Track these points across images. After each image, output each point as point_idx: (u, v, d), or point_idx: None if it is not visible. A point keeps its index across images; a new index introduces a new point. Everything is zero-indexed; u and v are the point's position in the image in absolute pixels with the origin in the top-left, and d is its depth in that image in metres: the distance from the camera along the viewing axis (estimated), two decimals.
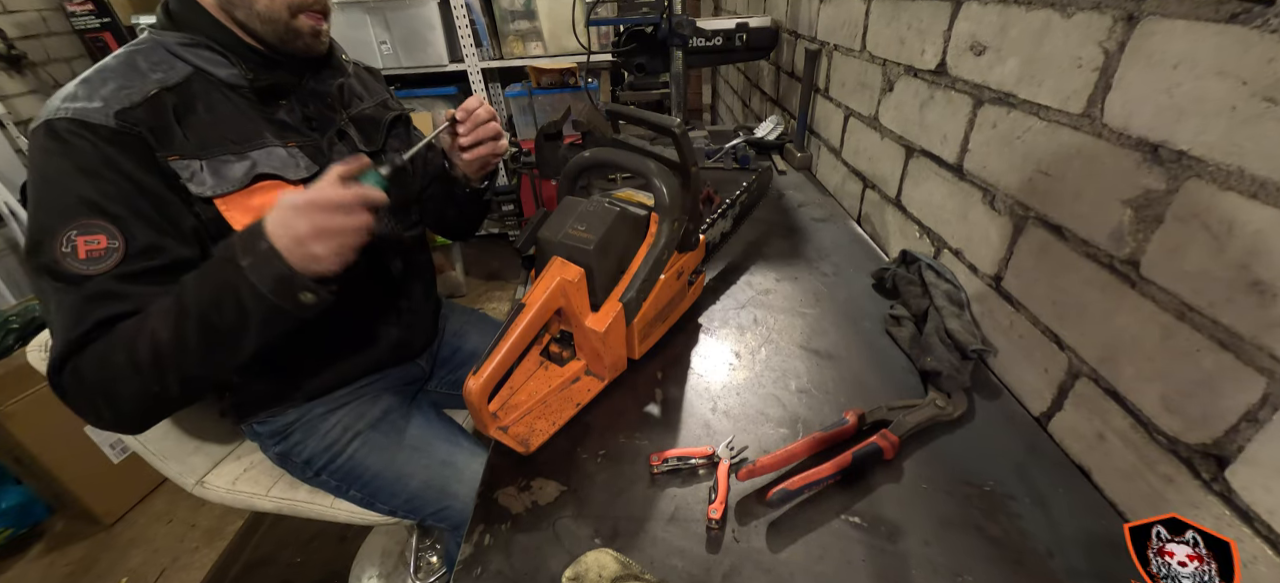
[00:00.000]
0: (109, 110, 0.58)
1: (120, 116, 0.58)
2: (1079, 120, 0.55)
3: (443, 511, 0.82)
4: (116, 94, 0.59)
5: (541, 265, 0.64)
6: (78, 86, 0.60)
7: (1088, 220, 0.55)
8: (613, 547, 0.49)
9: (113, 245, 0.56)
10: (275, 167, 0.67)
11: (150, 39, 0.65)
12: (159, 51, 0.64)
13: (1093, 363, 0.56)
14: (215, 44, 0.65)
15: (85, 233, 0.56)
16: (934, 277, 0.75)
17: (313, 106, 0.74)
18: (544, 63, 2.37)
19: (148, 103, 0.60)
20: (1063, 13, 0.56)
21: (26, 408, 1.35)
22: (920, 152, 0.86)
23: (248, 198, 0.65)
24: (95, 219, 0.56)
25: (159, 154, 0.60)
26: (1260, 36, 0.39)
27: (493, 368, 0.55)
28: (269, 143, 0.67)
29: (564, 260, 0.62)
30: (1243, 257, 0.41)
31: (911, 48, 0.86)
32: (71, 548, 1.49)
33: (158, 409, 0.62)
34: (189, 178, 0.62)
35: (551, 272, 0.61)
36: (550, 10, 2.30)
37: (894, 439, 0.56)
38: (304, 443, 0.83)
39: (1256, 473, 0.41)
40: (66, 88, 0.60)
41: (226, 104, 0.65)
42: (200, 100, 0.64)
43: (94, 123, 0.57)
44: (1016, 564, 0.48)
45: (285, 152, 0.69)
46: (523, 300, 0.59)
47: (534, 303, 0.58)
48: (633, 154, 0.68)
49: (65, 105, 0.58)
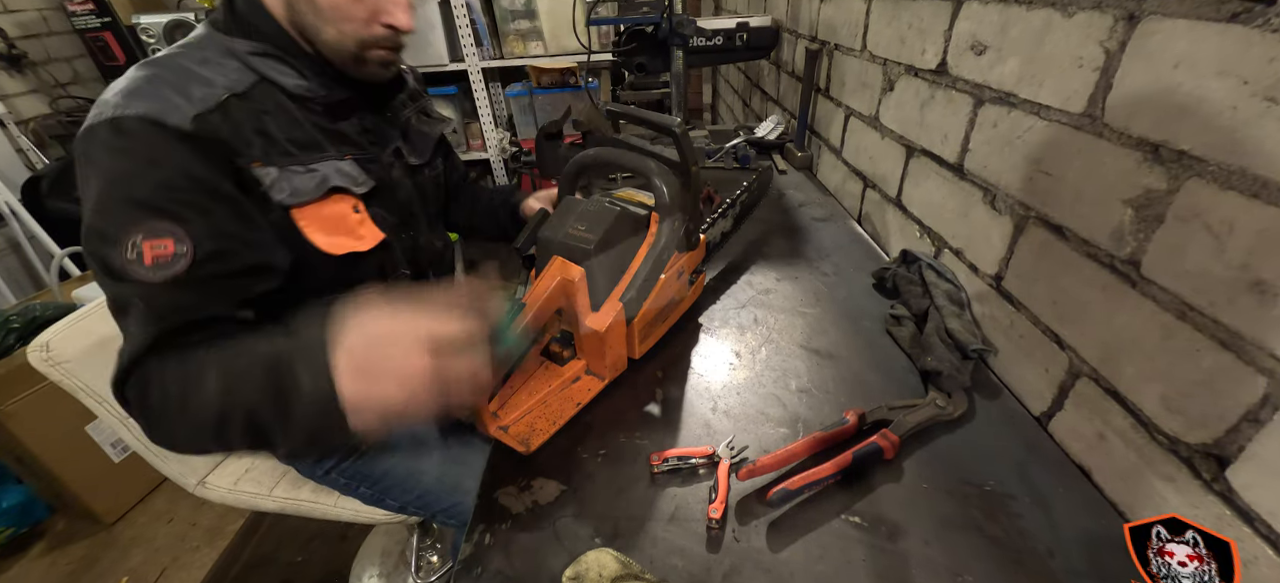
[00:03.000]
0: (186, 113, 0.55)
1: (198, 120, 0.56)
2: (1080, 120, 0.55)
3: (453, 507, 0.82)
4: (192, 97, 0.57)
5: (542, 265, 0.64)
6: (142, 83, 0.57)
7: (1088, 220, 0.55)
8: (613, 547, 0.49)
9: (180, 250, 0.53)
10: (343, 181, 0.66)
11: (213, 39, 0.63)
12: (225, 55, 0.62)
13: (1093, 363, 0.56)
14: (284, 55, 0.63)
15: (151, 236, 0.53)
16: (934, 276, 0.75)
17: (371, 121, 0.72)
18: (544, 62, 2.37)
19: (221, 108, 0.58)
20: (1063, 12, 0.56)
21: (27, 407, 1.35)
22: (921, 151, 0.86)
23: (320, 209, 0.64)
24: (162, 222, 0.53)
25: (239, 161, 0.58)
26: (1261, 36, 0.39)
27: None
28: (331, 156, 0.66)
29: (565, 260, 0.62)
30: (1244, 256, 0.41)
31: (912, 47, 0.86)
32: (72, 547, 1.49)
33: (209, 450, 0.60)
34: (269, 185, 0.60)
35: (552, 271, 0.61)
36: (551, 10, 2.30)
37: (894, 439, 0.56)
38: None
39: (1257, 473, 0.41)
40: (124, 84, 0.57)
41: (291, 114, 0.64)
42: (267, 109, 0.62)
43: (170, 124, 0.54)
44: (1016, 564, 0.48)
45: (346, 165, 0.67)
46: (523, 300, 0.59)
47: (534, 303, 0.58)
48: (633, 153, 0.68)
49: (133, 103, 0.54)
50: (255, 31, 0.63)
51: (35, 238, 2.00)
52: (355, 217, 0.69)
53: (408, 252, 0.79)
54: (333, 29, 0.62)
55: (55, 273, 1.84)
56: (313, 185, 0.63)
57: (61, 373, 0.76)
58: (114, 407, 0.80)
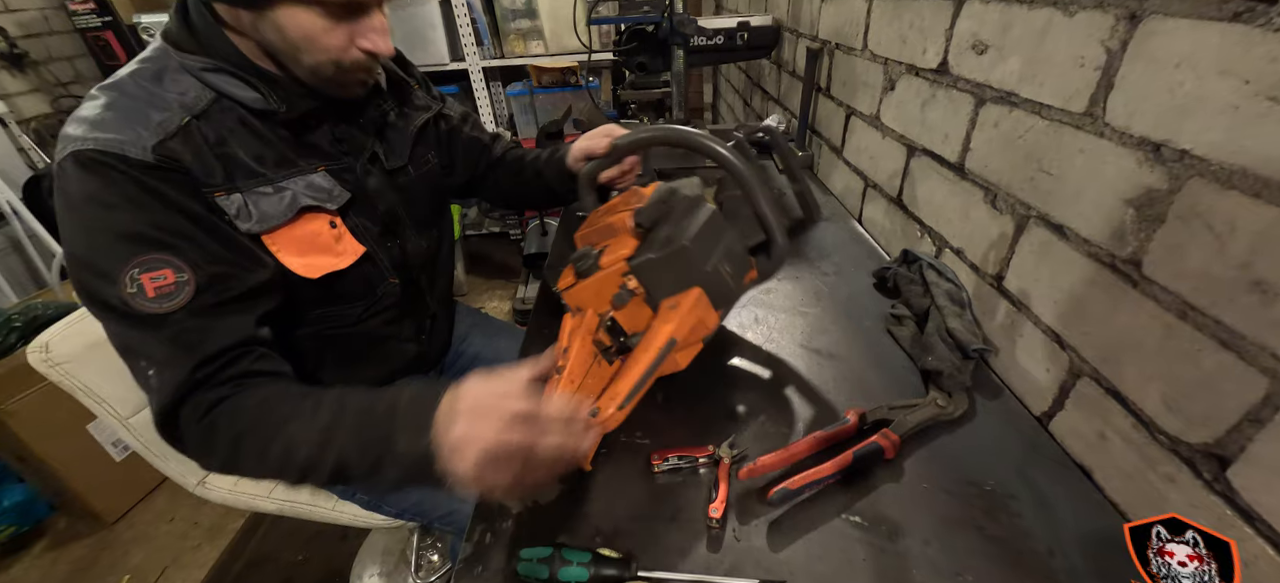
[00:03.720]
0: (145, 143, 0.53)
1: (158, 150, 0.54)
2: (1081, 119, 0.55)
3: (450, 514, 0.82)
4: (149, 124, 0.54)
5: (672, 287, 0.58)
6: (101, 111, 0.54)
7: (1089, 220, 0.55)
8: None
9: (182, 279, 0.52)
10: (315, 197, 0.64)
11: (167, 56, 0.59)
12: (178, 72, 0.58)
13: (1094, 362, 0.56)
14: (241, 71, 0.60)
15: (148, 269, 0.51)
16: (935, 276, 0.75)
17: (343, 129, 0.69)
18: (545, 62, 2.37)
19: (181, 133, 0.56)
20: (1065, 11, 0.56)
21: (28, 406, 1.35)
22: (922, 151, 0.86)
23: (292, 231, 0.62)
24: (155, 253, 0.52)
25: (203, 189, 0.57)
26: (1263, 35, 0.39)
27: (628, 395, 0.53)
28: (301, 170, 0.63)
29: (706, 298, 0.57)
30: (1245, 256, 0.41)
31: (913, 47, 0.86)
32: (73, 546, 1.50)
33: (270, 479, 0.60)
34: (234, 214, 0.58)
35: (688, 307, 0.56)
36: (551, 9, 2.30)
37: (895, 438, 0.56)
38: None
39: (1258, 473, 0.41)
40: (86, 111, 0.55)
41: (252, 131, 0.61)
42: (226, 128, 0.59)
43: (132, 156, 0.52)
44: (1017, 564, 0.48)
45: (318, 178, 0.65)
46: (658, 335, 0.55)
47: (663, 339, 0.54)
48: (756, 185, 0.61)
49: (92, 134, 0.52)
50: (212, 48, 0.59)
51: (36, 237, 2.00)
52: (331, 232, 0.66)
53: (395, 260, 0.76)
54: (308, 58, 0.59)
55: (56, 272, 1.84)
56: (282, 208, 0.61)
57: (61, 374, 0.76)
58: (113, 407, 0.80)
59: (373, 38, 0.61)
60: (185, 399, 0.52)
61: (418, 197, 0.80)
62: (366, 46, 0.61)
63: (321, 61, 0.60)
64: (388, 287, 0.75)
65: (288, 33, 0.57)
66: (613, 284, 0.59)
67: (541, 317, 0.85)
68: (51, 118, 2.51)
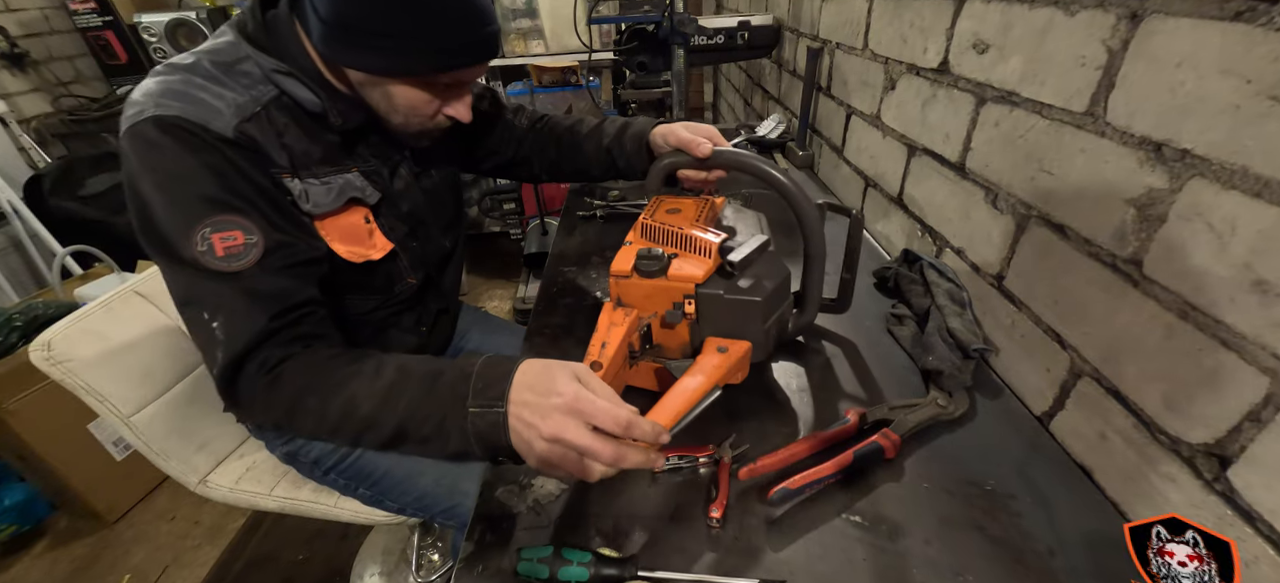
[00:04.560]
0: (228, 121, 0.57)
1: (237, 129, 0.58)
2: (1082, 119, 0.55)
3: (452, 509, 0.82)
4: (228, 105, 0.58)
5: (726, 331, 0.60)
6: (181, 86, 0.57)
7: (1090, 219, 0.55)
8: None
9: (251, 241, 0.56)
10: (356, 191, 0.68)
11: (239, 49, 0.62)
12: (249, 64, 0.62)
13: (1095, 362, 0.56)
14: (309, 81, 0.63)
15: (220, 229, 0.55)
16: (936, 276, 0.75)
17: (378, 140, 0.72)
18: (545, 61, 2.37)
19: (255, 118, 0.60)
20: (1066, 11, 0.56)
21: (29, 405, 1.35)
22: (922, 150, 0.86)
23: (339, 219, 0.66)
24: (228, 215, 0.55)
25: (272, 169, 0.61)
26: (1265, 34, 0.38)
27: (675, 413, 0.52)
28: (340, 170, 0.67)
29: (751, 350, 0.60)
30: (1246, 256, 0.41)
31: (914, 46, 0.86)
32: (74, 545, 1.50)
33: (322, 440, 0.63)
34: (298, 195, 0.63)
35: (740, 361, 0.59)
36: (552, 8, 2.30)
37: (895, 438, 0.56)
38: (312, 442, 0.83)
39: (1259, 473, 0.41)
40: (162, 85, 0.57)
41: (304, 129, 0.64)
42: (286, 122, 0.63)
43: (214, 129, 0.56)
44: (1017, 564, 0.48)
45: (353, 177, 0.68)
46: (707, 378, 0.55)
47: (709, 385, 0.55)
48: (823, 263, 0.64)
49: (174, 105, 0.55)
50: (286, 55, 0.63)
51: (37, 236, 2.00)
52: (366, 226, 0.70)
53: (417, 258, 0.79)
54: (401, 118, 0.65)
55: (57, 272, 1.84)
56: (330, 197, 0.65)
57: (62, 372, 0.76)
58: (115, 405, 0.80)
59: (458, 108, 0.67)
60: (255, 350, 0.54)
61: (441, 198, 0.84)
62: (451, 114, 0.67)
63: (412, 123, 0.66)
64: (405, 285, 0.79)
65: (396, 100, 0.62)
66: (671, 297, 0.60)
67: (542, 316, 0.85)
68: (52, 117, 2.51)
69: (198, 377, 0.94)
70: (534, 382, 0.47)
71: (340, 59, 0.60)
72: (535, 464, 0.46)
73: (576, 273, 0.97)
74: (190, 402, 0.91)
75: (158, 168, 0.55)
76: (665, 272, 0.60)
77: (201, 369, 0.95)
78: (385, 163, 0.73)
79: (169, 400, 0.88)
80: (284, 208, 0.61)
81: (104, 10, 2.50)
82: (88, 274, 1.91)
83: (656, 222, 0.66)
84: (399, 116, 0.65)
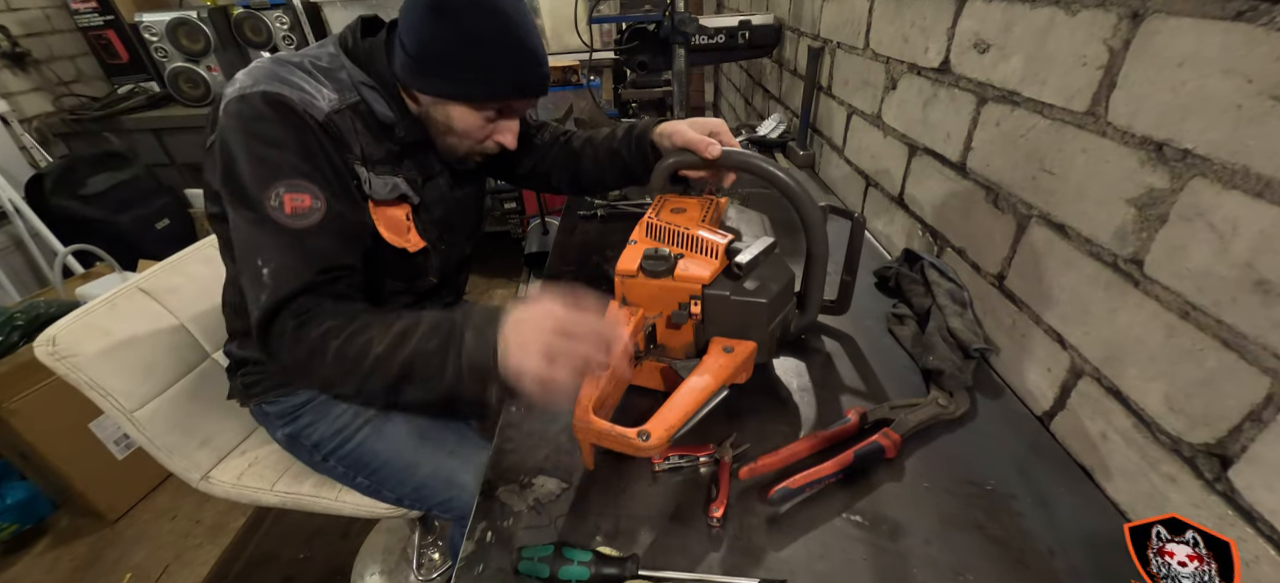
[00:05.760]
0: (322, 108, 0.67)
1: (328, 117, 0.67)
2: (1083, 118, 0.55)
3: (449, 501, 0.83)
4: (324, 98, 0.68)
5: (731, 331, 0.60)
6: (281, 72, 0.67)
7: (1091, 219, 0.55)
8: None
9: (316, 205, 0.64)
10: (403, 190, 0.76)
11: (339, 60, 0.73)
12: (342, 73, 0.72)
13: (1095, 362, 0.56)
14: (388, 96, 0.74)
15: (293, 191, 0.63)
16: (937, 275, 0.75)
17: (424, 155, 0.81)
18: None
19: (341, 113, 0.70)
20: (1067, 10, 0.56)
21: (31, 404, 1.35)
22: (923, 150, 0.86)
23: (387, 210, 0.75)
24: (302, 180, 0.63)
25: (347, 155, 0.70)
26: (1267, 34, 0.38)
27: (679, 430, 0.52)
28: (395, 172, 0.76)
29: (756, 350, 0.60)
30: (1247, 256, 0.41)
31: (915, 45, 0.86)
32: (75, 544, 1.50)
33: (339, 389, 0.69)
34: (363, 179, 0.71)
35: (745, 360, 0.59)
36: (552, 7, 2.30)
37: (896, 438, 0.56)
38: (314, 426, 0.84)
39: (1260, 473, 0.41)
40: (263, 70, 0.67)
41: (371, 133, 0.74)
42: (360, 125, 0.73)
43: (311, 112, 0.65)
44: (1018, 563, 0.48)
45: (398, 180, 0.76)
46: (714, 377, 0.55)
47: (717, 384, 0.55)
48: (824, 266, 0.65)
49: (282, 88, 0.65)
50: (371, 70, 0.73)
51: (39, 235, 2.00)
52: (406, 223, 0.78)
53: (443, 259, 0.86)
54: (455, 139, 0.76)
55: (59, 270, 1.84)
56: (386, 190, 0.74)
57: (67, 367, 0.76)
58: (119, 400, 0.80)
59: (506, 135, 0.77)
60: (295, 298, 0.62)
61: (468, 208, 0.91)
62: (499, 139, 0.77)
63: (464, 142, 0.76)
64: (425, 282, 0.85)
65: (454, 121, 0.73)
66: (677, 297, 0.60)
67: None
68: (54, 117, 2.51)
69: (200, 373, 0.94)
70: (526, 309, 0.55)
71: (415, 84, 0.71)
72: (531, 382, 0.50)
73: (577, 273, 0.97)
74: (193, 398, 0.91)
75: (256, 131, 0.63)
76: (672, 272, 0.60)
77: (204, 366, 0.95)
78: (426, 174, 0.82)
79: (172, 397, 0.88)
80: (349, 187, 0.70)
81: (105, 10, 2.49)
82: (89, 273, 1.91)
83: (662, 221, 0.66)
84: (454, 136, 0.75)
